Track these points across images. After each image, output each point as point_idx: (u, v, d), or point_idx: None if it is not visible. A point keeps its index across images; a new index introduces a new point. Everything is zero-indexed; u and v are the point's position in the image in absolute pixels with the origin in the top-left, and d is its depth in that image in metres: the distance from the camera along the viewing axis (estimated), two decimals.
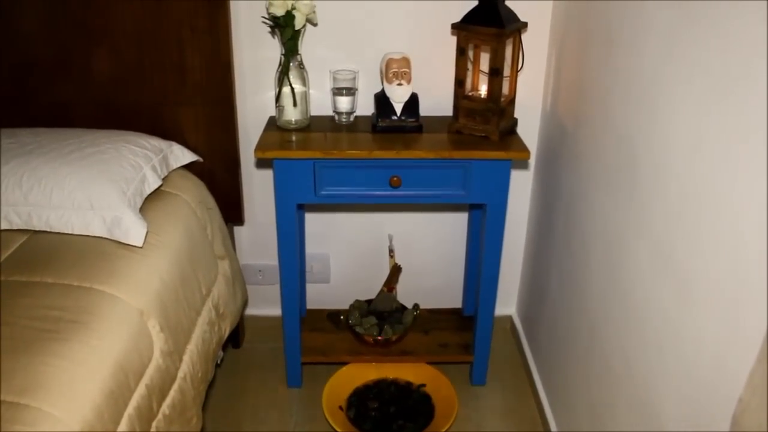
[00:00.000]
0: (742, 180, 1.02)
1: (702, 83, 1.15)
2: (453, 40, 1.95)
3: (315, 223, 2.37)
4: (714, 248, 1.10)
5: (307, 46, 2.04)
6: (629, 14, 1.48)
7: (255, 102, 2.16)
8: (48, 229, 1.66)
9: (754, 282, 0.98)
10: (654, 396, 1.34)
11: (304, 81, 1.97)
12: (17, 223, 1.66)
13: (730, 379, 1.05)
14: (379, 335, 2.23)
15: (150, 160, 1.84)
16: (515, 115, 2.04)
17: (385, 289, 2.35)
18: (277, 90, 1.96)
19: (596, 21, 1.70)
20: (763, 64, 0.95)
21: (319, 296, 2.49)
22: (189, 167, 2.05)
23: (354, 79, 2.01)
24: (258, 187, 2.30)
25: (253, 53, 2.09)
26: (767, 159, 0.94)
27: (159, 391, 1.49)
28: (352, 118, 2.06)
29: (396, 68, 1.94)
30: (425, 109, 2.04)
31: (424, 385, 2.22)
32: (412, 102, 1.97)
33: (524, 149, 1.88)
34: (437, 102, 2.10)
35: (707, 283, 1.13)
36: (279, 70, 1.95)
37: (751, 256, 0.99)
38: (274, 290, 2.45)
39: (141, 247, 1.64)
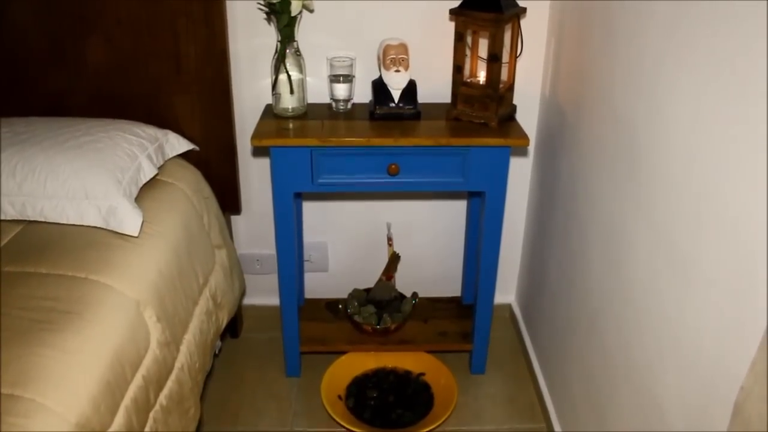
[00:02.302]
0: (744, 167, 1.00)
1: (703, 68, 1.13)
2: (451, 26, 1.92)
3: (313, 211, 2.36)
4: (715, 235, 1.09)
5: (303, 33, 2.02)
6: None
7: (251, 90, 2.14)
8: (42, 219, 1.65)
9: (756, 269, 0.97)
10: (654, 383, 1.33)
11: (300, 68, 1.95)
12: (11, 214, 1.65)
13: (731, 366, 1.03)
14: (378, 324, 2.23)
15: (145, 148, 1.82)
16: (514, 102, 2.02)
17: (384, 278, 2.34)
18: (274, 77, 1.94)
19: (596, 5, 1.68)
20: (764, 47, 0.94)
21: (317, 285, 2.48)
22: (185, 156, 2.03)
23: (351, 65, 1.99)
24: (255, 176, 2.28)
25: (249, 40, 2.07)
26: None
27: (156, 381, 1.48)
28: (349, 106, 2.04)
29: (393, 55, 1.92)
30: (423, 96, 2.02)
31: (423, 374, 2.21)
32: (410, 89, 1.95)
33: (523, 136, 1.86)
34: (435, 89, 2.08)
35: (708, 270, 1.11)
36: (275, 57, 1.93)
37: (754, 242, 0.98)
38: (272, 279, 2.43)
39: (137, 237, 1.62)
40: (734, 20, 1.03)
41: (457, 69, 1.92)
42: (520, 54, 1.94)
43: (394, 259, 2.35)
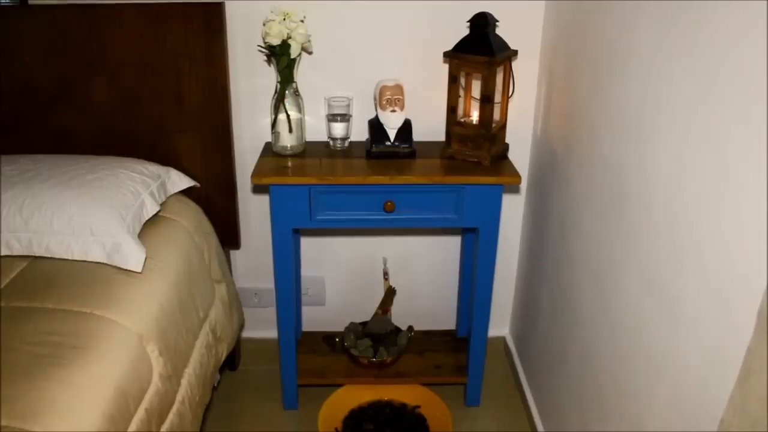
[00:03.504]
0: (728, 205, 1.05)
1: (686, 110, 1.19)
2: (445, 68, 1.99)
3: (310, 246, 2.40)
4: (698, 272, 1.14)
5: (302, 74, 2.09)
6: (615, 43, 1.52)
7: (251, 128, 2.19)
8: (48, 255, 1.69)
9: (735, 305, 1.02)
10: (643, 415, 1.37)
11: (299, 108, 2.01)
12: (18, 249, 1.69)
13: (713, 399, 1.08)
14: (374, 357, 2.25)
15: (148, 186, 1.87)
16: (506, 141, 2.07)
17: (380, 312, 2.37)
18: (273, 117, 2.00)
19: (584, 50, 1.74)
20: (746, 93, 1.00)
21: (314, 319, 2.52)
22: (186, 192, 2.08)
23: (348, 105, 2.05)
24: (254, 212, 2.33)
25: (250, 81, 2.13)
26: (766, 184, 0.97)
27: (158, 415, 1.51)
28: (346, 144, 2.09)
29: (389, 95, 1.98)
30: (418, 135, 2.08)
31: (418, 407, 2.23)
32: (406, 128, 2.01)
33: (515, 174, 1.92)
34: (430, 128, 2.14)
35: (692, 305, 1.16)
36: (275, 97, 1.99)
37: (733, 279, 1.03)
38: (271, 313, 2.47)
39: (140, 273, 1.67)
40: (716, 65, 1.09)
41: (451, 109, 1.98)
42: (511, 95, 2.00)
43: (390, 293, 2.38)
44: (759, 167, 0.95)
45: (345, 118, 2.06)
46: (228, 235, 2.24)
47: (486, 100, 1.89)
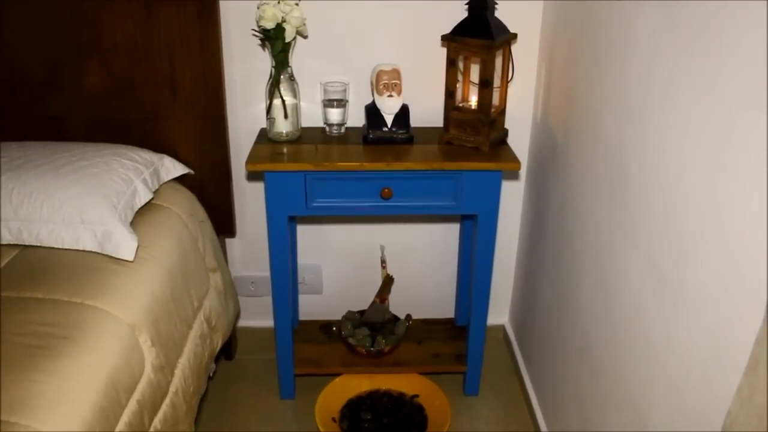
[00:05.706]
0: (730, 190, 1.03)
1: (688, 93, 1.16)
2: (443, 52, 1.95)
3: (307, 234, 2.37)
4: (702, 259, 1.11)
5: (297, 59, 2.05)
6: (615, 27, 1.49)
7: (246, 114, 2.16)
8: (38, 244, 1.66)
9: (742, 293, 0.99)
10: (644, 406, 1.34)
11: (294, 93, 1.98)
12: (7, 238, 1.66)
13: (718, 391, 1.05)
14: (372, 346, 2.23)
15: (141, 173, 1.84)
16: (506, 126, 2.04)
17: (378, 300, 2.35)
18: (268, 102, 1.96)
19: (584, 33, 1.71)
20: (750, 74, 0.96)
21: (311, 307, 2.49)
22: (180, 180, 2.05)
23: (345, 90, 2.02)
24: (249, 199, 2.30)
25: (244, 66, 2.09)
26: (766, 168, 0.94)
27: (150, 406, 1.49)
28: (343, 130, 2.06)
29: (386, 80, 1.95)
30: (416, 120, 2.04)
31: (417, 396, 2.22)
32: (403, 113, 1.98)
33: (515, 160, 1.89)
34: (428, 113, 2.11)
35: (696, 293, 1.13)
36: (270, 82, 1.95)
37: (739, 266, 1.00)
38: (267, 301, 2.44)
39: (132, 262, 1.63)
40: (717, 48, 1.06)
41: (449, 94, 1.94)
42: (511, 79, 1.96)
43: (387, 282, 2.36)
44: (763, 150, 0.92)
45: (341, 103, 2.02)
46: (223, 222, 2.21)
47: (485, 85, 1.86)
